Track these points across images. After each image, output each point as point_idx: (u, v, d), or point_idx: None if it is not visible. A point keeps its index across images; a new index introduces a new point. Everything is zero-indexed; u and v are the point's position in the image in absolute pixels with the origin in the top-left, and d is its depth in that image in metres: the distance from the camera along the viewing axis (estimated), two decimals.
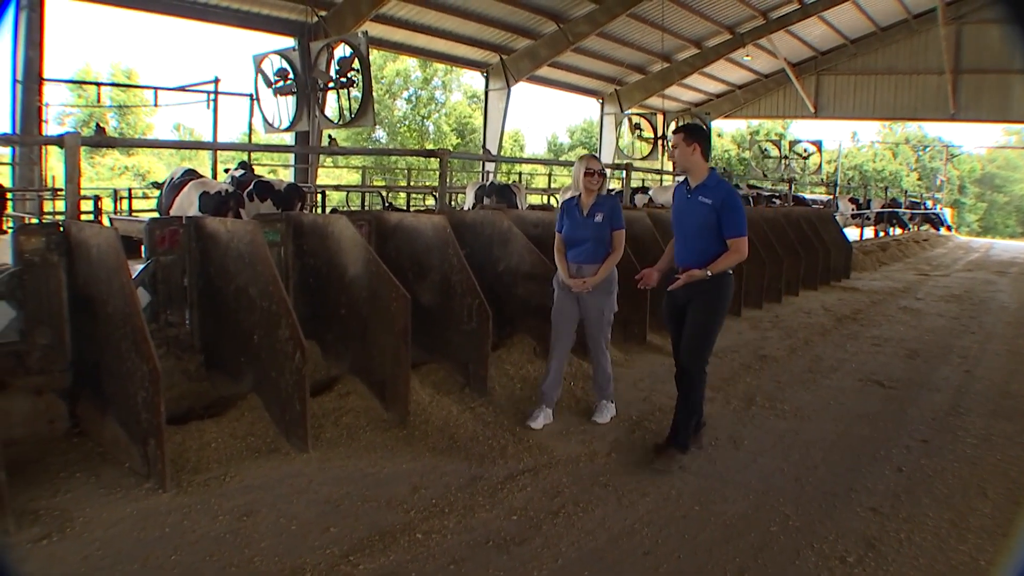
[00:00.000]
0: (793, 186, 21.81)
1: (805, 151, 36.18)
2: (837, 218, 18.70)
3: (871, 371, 8.19)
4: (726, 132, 59.16)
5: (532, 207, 16.32)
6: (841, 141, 59.08)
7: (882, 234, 28.21)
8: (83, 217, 7.10)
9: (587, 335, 6.16)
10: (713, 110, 37.86)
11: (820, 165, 37.19)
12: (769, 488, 4.99)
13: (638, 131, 29.64)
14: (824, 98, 37.07)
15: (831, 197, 26.83)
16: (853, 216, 26.90)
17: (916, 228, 32.24)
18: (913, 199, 37.23)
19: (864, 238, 24.64)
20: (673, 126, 29.33)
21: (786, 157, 36.22)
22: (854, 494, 4.94)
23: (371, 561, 3.94)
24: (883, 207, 30.29)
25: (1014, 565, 1.51)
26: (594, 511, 4.58)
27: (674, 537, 4.32)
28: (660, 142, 29.19)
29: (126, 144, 33.97)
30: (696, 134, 5.43)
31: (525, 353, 7.12)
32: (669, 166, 29.03)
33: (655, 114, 31.37)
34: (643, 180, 30.52)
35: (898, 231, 29.80)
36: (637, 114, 31.05)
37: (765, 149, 38.47)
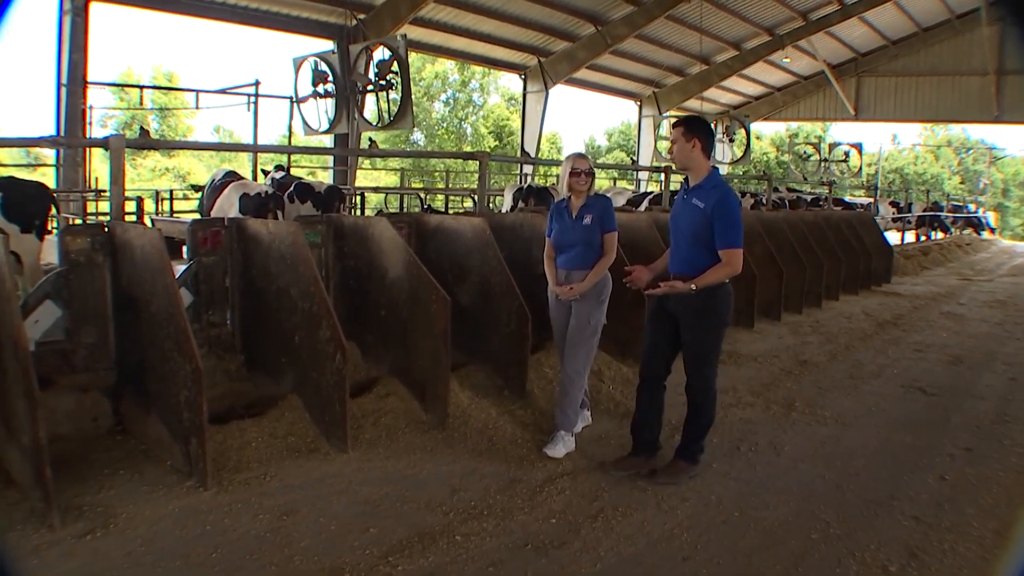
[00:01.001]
0: (833, 189, 21.61)
1: (845, 154, 35.76)
2: (877, 221, 18.48)
3: (913, 377, 8.07)
4: (765, 135, 58.69)
5: None
6: (881, 144, 58.63)
7: (923, 238, 27.83)
8: (126, 218, 7.18)
9: (566, 345, 5.63)
10: (752, 112, 37.67)
11: (860, 168, 36.74)
12: (810, 495, 4.93)
13: None
14: (864, 100, 36.66)
15: (871, 200, 26.52)
16: (894, 220, 26.59)
17: (958, 232, 31.74)
18: (955, 202, 36.67)
19: (905, 242, 24.32)
20: (667, 124, 29.19)
21: (825, 160, 35.82)
22: (896, 502, 4.87)
23: (410, 563, 3.95)
24: (924, 210, 29.89)
25: (1014, 565, 1.51)
26: (633, 515, 4.56)
27: (714, 543, 4.28)
28: None
29: (169, 146, 34.39)
30: (696, 128, 4.95)
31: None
32: None
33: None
34: (681, 183, 30.34)
35: (940, 235, 29.36)
36: (675, 116, 30.90)
37: (804, 152, 38.09)
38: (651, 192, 19.25)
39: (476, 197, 11.36)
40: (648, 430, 5.29)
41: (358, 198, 17.64)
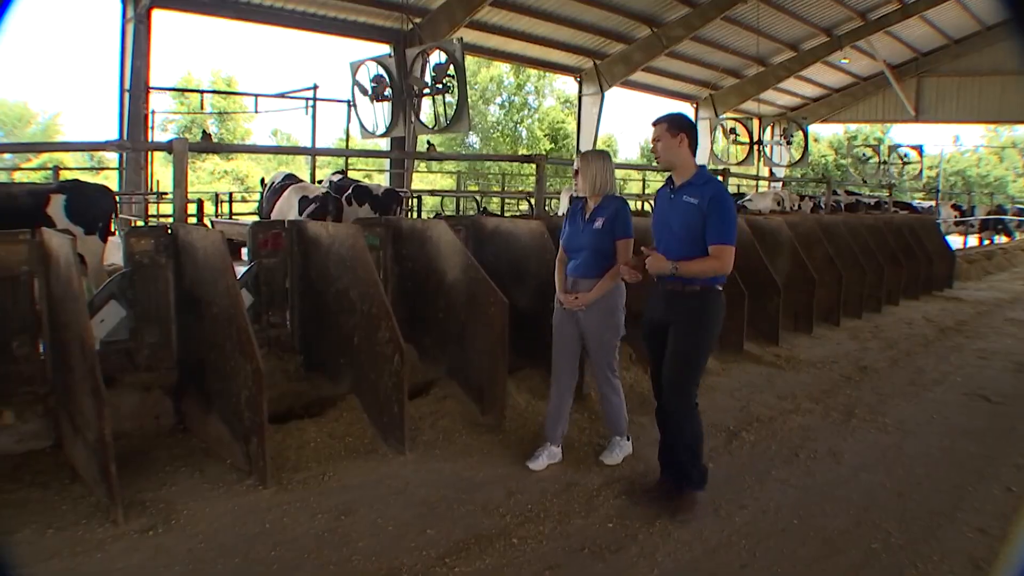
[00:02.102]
0: (893, 192, 21.27)
1: (905, 156, 35.14)
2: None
3: (977, 385, 7.88)
4: (823, 137, 57.92)
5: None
6: (943, 146, 57.28)
7: (987, 242, 27.24)
8: (187, 220, 7.30)
9: (589, 362, 5.42)
10: (809, 114, 37.20)
11: (920, 170, 36.08)
12: (871, 504, 4.83)
13: (733, 136, 29.21)
14: (925, 101, 35.99)
15: (932, 204, 26.05)
16: (956, 223, 26.08)
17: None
18: (1020, 206, 35.86)
19: (968, 246, 23.82)
20: (722, 127, 28.85)
21: (885, 162, 35.25)
22: (960, 513, 4.75)
23: (466, 565, 3.95)
24: (988, 214, 29.29)
25: (1014, 565, 1.48)
26: (690, 521, 4.51)
27: (772, 551, 4.22)
28: (756, 147, 28.72)
29: (231, 150, 34.93)
30: (681, 124, 4.64)
31: (622, 360, 7.02)
32: (765, 171, 28.62)
33: (750, 119, 30.87)
34: (738, 186, 30.11)
35: (1003, 239, 28.73)
36: (732, 119, 30.62)
37: (863, 154, 37.51)
38: None
39: (532, 200, 11.35)
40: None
41: (415, 201, 17.73)
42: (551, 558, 4.04)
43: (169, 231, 5.62)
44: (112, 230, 8.57)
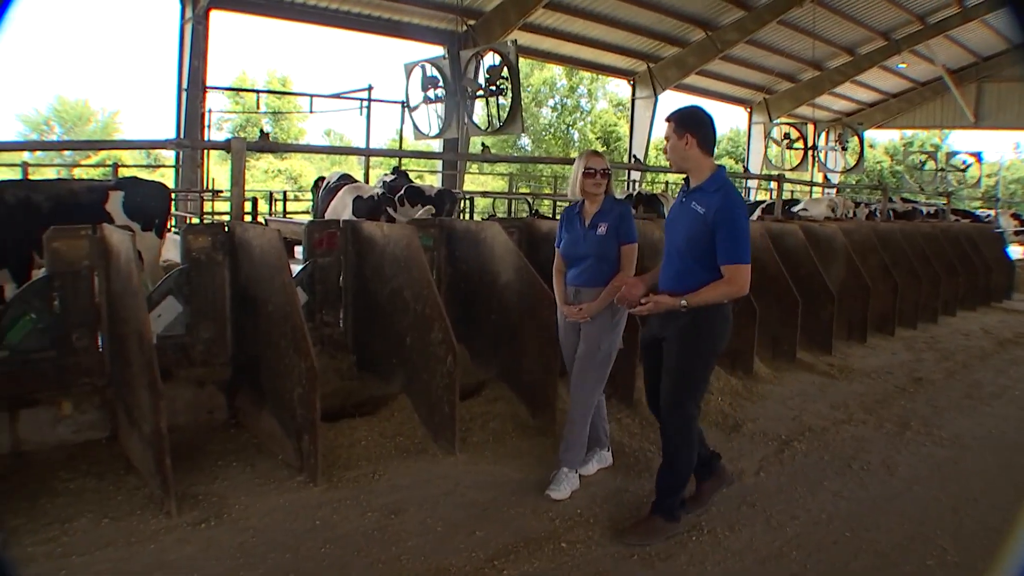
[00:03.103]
0: (950, 200, 20.89)
1: (963, 163, 34.48)
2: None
3: None
4: (878, 143, 57.01)
5: None
6: (1003, 153, 56.18)
7: None
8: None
9: (572, 375, 4.95)
10: (865, 120, 36.63)
11: (979, 178, 35.39)
12: (925, 518, 4.72)
13: (787, 141, 28.86)
14: (985, 107, 35.32)
15: (991, 213, 25.53)
16: (1016, 233, 25.54)
17: None
18: None
19: None
20: (778, 130, 28.45)
21: (942, 169, 34.60)
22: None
23: (515, 568, 3.94)
24: None
25: (1014, 565, 1.45)
26: (741, 531, 4.45)
27: (824, 563, 4.15)
28: (810, 153, 28.36)
29: (287, 149, 35.24)
30: (689, 122, 4.18)
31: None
32: (819, 177, 28.25)
33: (805, 124, 30.49)
34: (792, 192, 29.78)
35: None
36: (787, 123, 30.26)
37: (920, 161, 36.87)
38: (763, 201, 18.90)
39: None
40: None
41: (467, 202, 17.79)
42: (600, 564, 4.02)
43: (226, 229, 5.70)
44: (168, 227, 8.70)
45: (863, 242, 10.55)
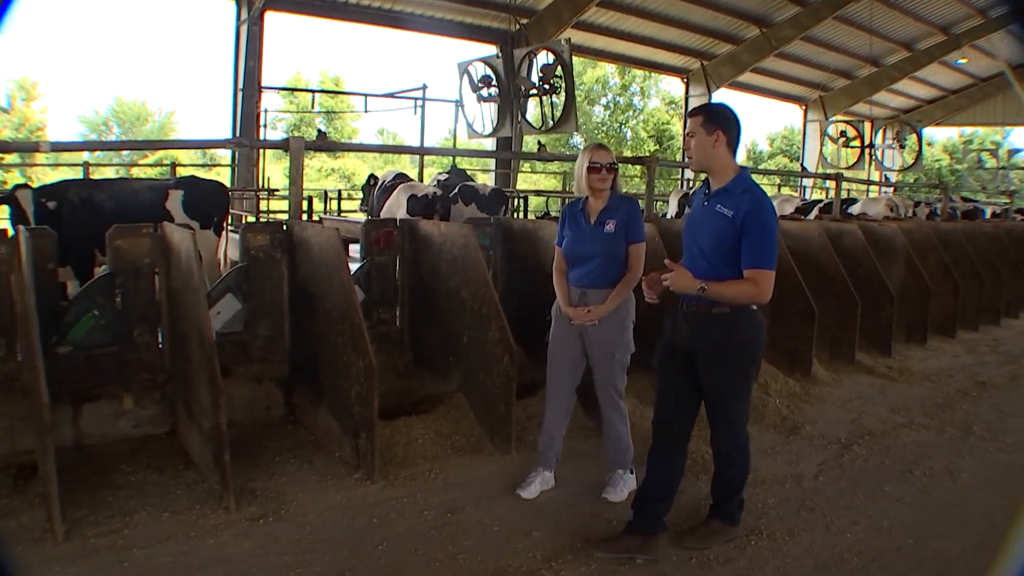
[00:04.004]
0: (1013, 199, 20.44)
1: None
2: None
3: None
4: (936, 141, 55.97)
5: None
6: None
7: None
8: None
9: (595, 382, 4.75)
10: (924, 117, 35.93)
11: None
12: (990, 527, 4.57)
13: (844, 139, 28.43)
14: None
15: None
16: None
17: None
18: None
19: None
20: (834, 128, 27.98)
21: (1004, 167, 33.88)
22: None
23: (572, 569, 3.91)
24: None
25: (1014, 565, 1.40)
26: (801, 536, 4.38)
27: (887, 571, 4.06)
28: (867, 151, 27.93)
29: (344, 148, 35.65)
30: (719, 118, 3.94)
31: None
32: (876, 175, 27.81)
33: (862, 121, 30.01)
34: (848, 191, 29.35)
35: None
36: (843, 121, 29.80)
37: (980, 159, 36.11)
38: (820, 200, 18.65)
39: (640, 202, 11.23)
40: (657, 501, 4.16)
41: (520, 201, 17.79)
42: (658, 567, 3.98)
43: (284, 227, 5.74)
44: (225, 225, 8.81)
45: (923, 242, 10.36)
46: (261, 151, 17.76)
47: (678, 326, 4.06)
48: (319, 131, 6.89)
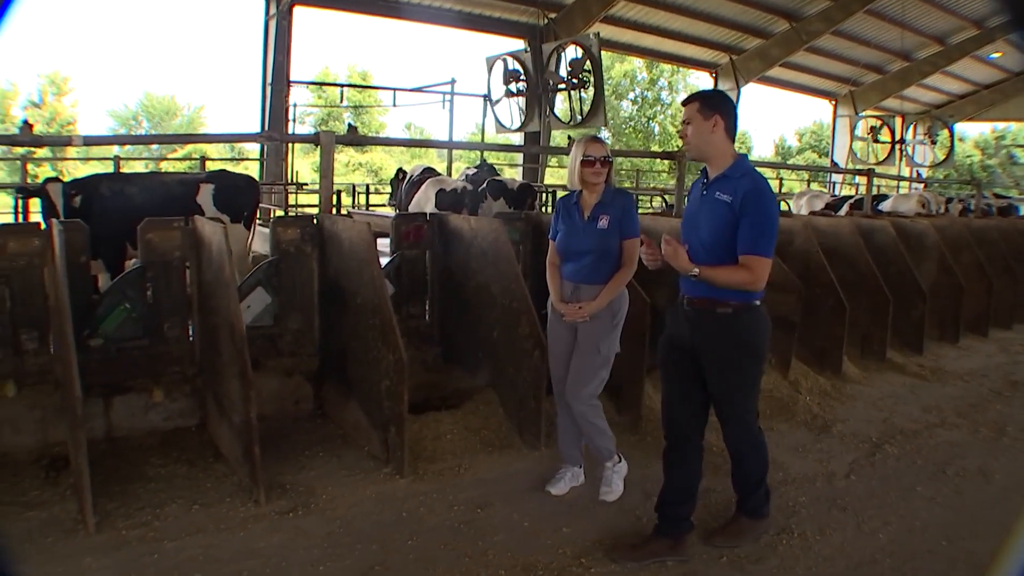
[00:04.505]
0: None
1: None
2: None
3: None
4: (968, 136, 55.32)
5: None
6: None
7: None
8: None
9: (570, 374, 4.55)
10: (955, 112, 35.45)
11: None
12: None
13: (874, 134, 28.14)
14: None
15: None
16: None
17: None
18: None
19: None
20: (864, 124, 27.62)
21: None
22: None
23: (602, 566, 3.90)
24: None
25: (1014, 565, 1.37)
26: (832, 535, 4.34)
27: (920, 572, 4.01)
28: (898, 146, 27.63)
29: (374, 142, 35.66)
30: (718, 104, 3.81)
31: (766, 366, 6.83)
32: (907, 171, 27.52)
33: (892, 117, 29.69)
34: (878, 187, 29.08)
35: None
36: (874, 116, 29.49)
37: (1013, 155, 35.65)
38: (850, 196, 18.49)
39: (666, 197, 11.19)
40: (679, 503, 4.09)
41: (548, 196, 17.76)
42: (689, 565, 3.96)
43: (315, 221, 5.74)
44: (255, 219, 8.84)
45: (956, 239, 10.22)
46: (289, 145, 17.85)
47: (679, 323, 3.97)
48: (349, 125, 6.87)
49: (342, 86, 33.24)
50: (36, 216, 8.03)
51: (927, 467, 5.44)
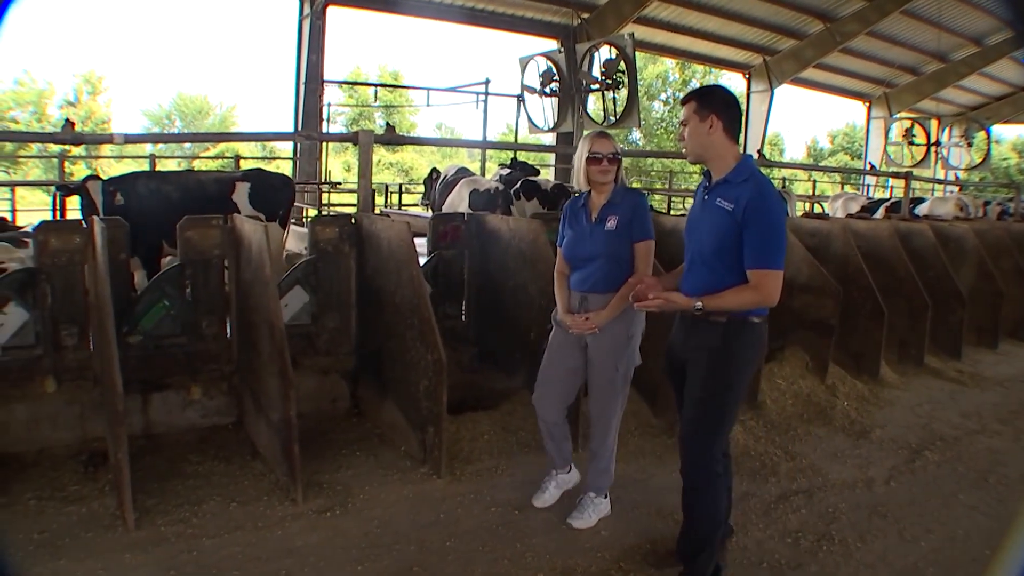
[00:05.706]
0: None
1: None
2: None
3: None
4: (1005, 139, 54.60)
5: (807, 215, 15.33)
6: None
7: None
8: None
9: (589, 398, 4.29)
10: (992, 114, 34.94)
11: None
12: None
13: (909, 136, 27.78)
14: None
15: None
16: None
17: None
18: None
19: None
20: (898, 127, 27.25)
21: None
22: None
23: (641, 571, 3.88)
24: None
25: (1014, 565, 1.34)
26: (873, 543, 4.29)
27: None
28: (933, 149, 27.28)
29: (412, 142, 35.76)
30: (715, 102, 3.49)
31: (797, 368, 6.75)
32: (941, 174, 27.18)
33: (928, 119, 29.32)
34: (913, 190, 28.76)
35: None
36: (909, 118, 29.14)
37: None
38: (885, 199, 18.30)
39: None
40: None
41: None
42: (728, 570, 3.91)
43: (352, 220, 5.75)
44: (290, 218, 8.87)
45: (996, 243, 10.10)
46: (324, 144, 17.92)
47: (678, 330, 3.74)
48: (387, 124, 6.88)
49: (377, 86, 33.47)
50: (73, 213, 8.10)
51: (968, 474, 5.36)
